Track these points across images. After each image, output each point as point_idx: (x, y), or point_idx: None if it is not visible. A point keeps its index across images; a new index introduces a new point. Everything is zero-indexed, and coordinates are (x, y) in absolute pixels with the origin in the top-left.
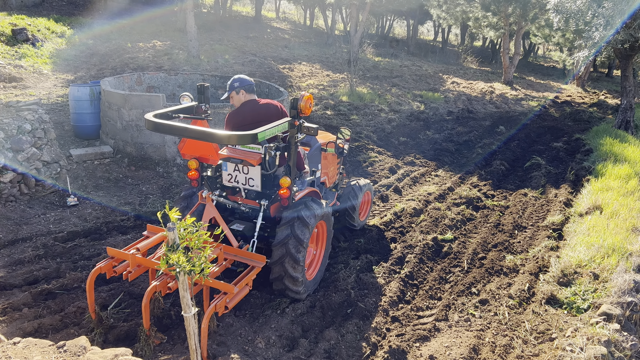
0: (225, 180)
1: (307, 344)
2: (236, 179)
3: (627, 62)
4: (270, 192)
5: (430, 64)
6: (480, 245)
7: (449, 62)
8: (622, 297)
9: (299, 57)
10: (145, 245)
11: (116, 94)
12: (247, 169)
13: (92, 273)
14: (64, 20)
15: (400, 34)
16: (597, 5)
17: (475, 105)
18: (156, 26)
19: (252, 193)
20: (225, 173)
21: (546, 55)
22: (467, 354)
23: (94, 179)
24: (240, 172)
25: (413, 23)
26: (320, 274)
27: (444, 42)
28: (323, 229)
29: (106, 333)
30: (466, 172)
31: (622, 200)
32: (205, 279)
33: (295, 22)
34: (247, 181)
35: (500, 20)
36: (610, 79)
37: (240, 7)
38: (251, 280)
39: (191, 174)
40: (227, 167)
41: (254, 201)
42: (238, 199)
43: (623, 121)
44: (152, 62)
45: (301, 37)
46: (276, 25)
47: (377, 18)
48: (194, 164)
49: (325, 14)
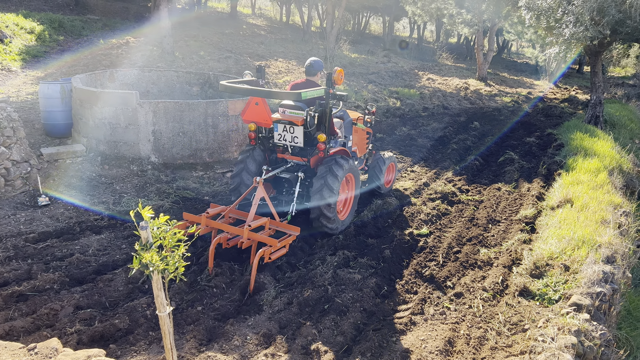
0: (276, 138)
1: (284, 341)
2: (284, 137)
3: (596, 58)
4: (311, 149)
5: (406, 60)
6: (455, 239)
7: (425, 58)
8: (592, 287)
9: (276, 54)
10: (212, 213)
11: (88, 91)
12: (293, 129)
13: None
14: (34, 16)
15: (376, 31)
16: (567, 2)
17: (450, 101)
18: (129, 22)
19: (297, 149)
20: (276, 133)
21: (519, 52)
22: (442, 347)
23: (66, 178)
24: (287, 132)
25: (389, 20)
26: (350, 217)
27: (419, 38)
28: (352, 179)
29: (80, 334)
30: (441, 168)
31: (591, 193)
32: (179, 277)
33: (271, 18)
34: (292, 139)
35: (474, 17)
36: (581, 75)
37: (216, 3)
38: (288, 243)
39: (250, 134)
40: (278, 128)
41: (299, 157)
42: (286, 155)
43: (593, 116)
44: (126, 59)
45: (277, 34)
46: (252, 21)
47: (353, 14)
48: (253, 127)
49: (301, 10)
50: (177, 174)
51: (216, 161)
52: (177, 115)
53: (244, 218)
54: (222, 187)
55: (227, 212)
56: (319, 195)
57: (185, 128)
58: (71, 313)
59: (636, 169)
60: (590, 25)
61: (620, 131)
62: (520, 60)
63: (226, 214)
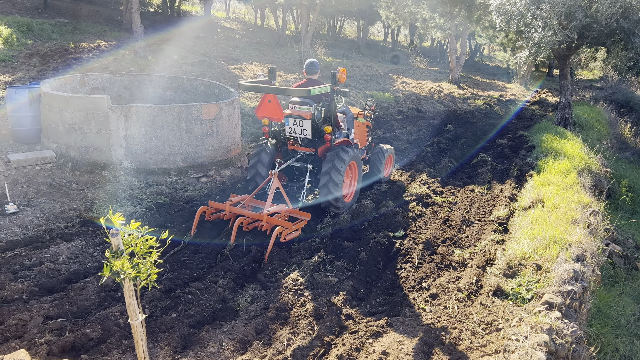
0: (287, 132)
1: (260, 346)
2: (294, 130)
3: (564, 62)
4: (318, 140)
5: (380, 64)
6: (430, 240)
7: (399, 62)
8: (563, 286)
9: (250, 57)
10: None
11: (58, 96)
12: (302, 122)
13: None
14: (1, 19)
15: (351, 35)
16: (536, 7)
17: (425, 104)
18: (101, 26)
19: (306, 140)
20: (287, 127)
21: (491, 55)
22: (418, 348)
23: (35, 185)
24: (297, 125)
25: (363, 24)
26: (354, 200)
27: (393, 42)
28: (354, 167)
29: (50, 344)
30: (416, 170)
31: (562, 193)
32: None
33: (245, 22)
34: (302, 131)
35: (447, 22)
36: (551, 78)
37: (189, 7)
38: (300, 227)
39: (264, 128)
40: (289, 122)
41: (307, 148)
42: (296, 146)
43: (562, 118)
44: (97, 63)
45: (252, 37)
46: (226, 25)
47: (328, 19)
48: (266, 122)
49: (276, 14)
50: (151, 179)
51: (190, 166)
52: (150, 119)
53: (261, 206)
54: (196, 192)
55: (247, 201)
56: (327, 178)
57: (159, 133)
58: (41, 323)
59: (604, 170)
60: (559, 29)
61: (589, 132)
62: (492, 64)
63: (246, 202)
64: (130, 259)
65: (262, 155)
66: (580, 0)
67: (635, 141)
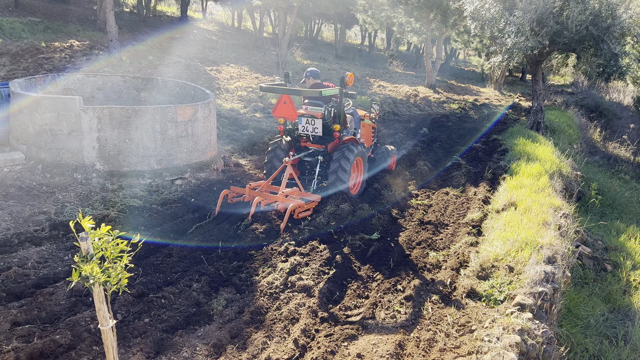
0: (300, 129)
1: (234, 350)
2: (307, 128)
3: (536, 67)
4: (328, 137)
5: (357, 67)
6: (405, 243)
7: (376, 66)
8: (534, 287)
9: (227, 59)
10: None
11: (28, 97)
12: (314, 121)
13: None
14: None
15: (328, 38)
16: (509, 13)
17: (401, 108)
18: (74, 25)
19: (317, 138)
20: (300, 125)
21: (466, 60)
22: (393, 350)
23: (4, 188)
24: (309, 124)
25: (341, 27)
26: (359, 192)
27: (370, 46)
28: (360, 162)
29: (17, 352)
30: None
31: (534, 196)
32: (122, 288)
33: (222, 23)
34: (313, 129)
35: (423, 26)
36: (524, 83)
37: (165, 7)
38: (312, 207)
39: (280, 127)
40: (302, 121)
41: (318, 144)
42: (308, 143)
43: (534, 122)
44: (69, 63)
45: (229, 39)
46: (203, 26)
47: (306, 21)
48: (282, 121)
49: (253, 16)
50: (124, 181)
51: (165, 168)
52: (123, 121)
53: (277, 190)
54: (171, 194)
55: (264, 186)
56: (336, 171)
57: (132, 134)
58: (8, 330)
59: (574, 173)
60: (531, 35)
61: (560, 136)
62: (467, 68)
63: (264, 187)
64: (100, 263)
65: (278, 151)
66: (551, 7)
67: (605, 145)
